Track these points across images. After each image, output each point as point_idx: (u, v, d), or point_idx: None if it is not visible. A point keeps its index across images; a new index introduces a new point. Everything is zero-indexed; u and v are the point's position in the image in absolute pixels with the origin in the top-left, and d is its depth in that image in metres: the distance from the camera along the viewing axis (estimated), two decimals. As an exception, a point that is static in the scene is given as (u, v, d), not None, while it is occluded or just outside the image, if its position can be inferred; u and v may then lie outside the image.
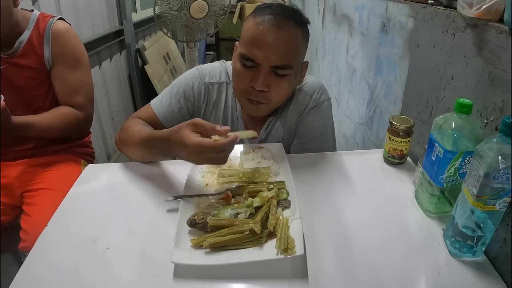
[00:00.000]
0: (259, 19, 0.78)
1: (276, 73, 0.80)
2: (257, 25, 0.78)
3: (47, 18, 1.10)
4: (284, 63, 0.79)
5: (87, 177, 0.86)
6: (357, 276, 0.57)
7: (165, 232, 0.65)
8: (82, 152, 1.27)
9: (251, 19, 0.81)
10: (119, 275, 0.58)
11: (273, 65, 0.78)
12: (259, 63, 0.79)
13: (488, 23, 0.62)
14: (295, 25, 0.79)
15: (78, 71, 1.14)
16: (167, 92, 0.94)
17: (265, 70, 0.79)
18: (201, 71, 0.95)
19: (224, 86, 0.95)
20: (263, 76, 0.79)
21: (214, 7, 2.22)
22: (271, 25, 0.77)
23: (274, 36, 0.76)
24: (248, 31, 0.80)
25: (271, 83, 0.80)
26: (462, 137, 0.60)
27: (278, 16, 0.77)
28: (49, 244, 0.65)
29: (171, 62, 3.47)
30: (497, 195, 0.52)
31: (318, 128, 0.94)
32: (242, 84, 0.82)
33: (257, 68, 0.80)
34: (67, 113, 1.13)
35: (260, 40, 0.77)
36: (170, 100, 0.92)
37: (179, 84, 0.94)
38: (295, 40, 0.79)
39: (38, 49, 1.08)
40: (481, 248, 0.58)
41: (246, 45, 0.79)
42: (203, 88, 0.94)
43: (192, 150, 0.65)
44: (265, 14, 0.78)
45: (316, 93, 0.93)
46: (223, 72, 0.95)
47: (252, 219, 0.63)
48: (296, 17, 0.80)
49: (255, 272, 0.57)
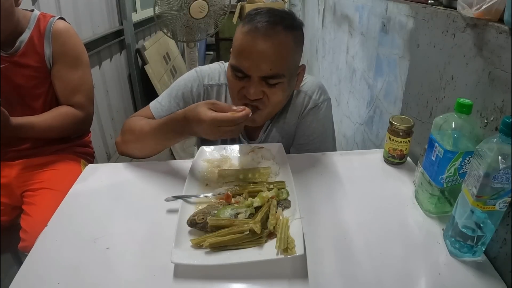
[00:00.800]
0: (246, 28, 0.76)
1: (267, 83, 0.78)
2: (245, 35, 0.76)
3: (48, 17, 1.11)
4: (274, 73, 0.76)
5: (87, 177, 0.86)
6: (357, 276, 0.57)
7: (165, 232, 0.65)
8: (82, 151, 1.27)
9: (239, 28, 0.79)
10: (119, 275, 0.58)
11: (262, 76, 0.76)
12: (249, 74, 0.77)
13: (488, 23, 0.62)
14: (285, 31, 0.76)
15: (78, 70, 1.14)
16: (166, 95, 0.94)
17: (255, 80, 0.77)
18: (200, 73, 0.94)
19: (223, 88, 0.94)
20: (254, 86, 0.77)
21: (214, 7, 2.22)
22: (258, 35, 0.74)
23: (261, 46, 0.74)
24: (236, 41, 0.79)
25: (265, 91, 0.79)
26: (462, 137, 0.60)
27: (266, 24, 0.74)
28: (49, 244, 0.65)
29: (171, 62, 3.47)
30: (497, 195, 0.52)
31: (318, 129, 0.94)
32: (236, 93, 0.82)
33: (248, 79, 0.78)
34: (67, 113, 1.13)
35: (248, 51, 0.75)
36: (169, 103, 0.92)
37: (178, 87, 0.93)
38: (284, 47, 0.77)
39: (39, 48, 1.08)
40: (481, 248, 0.58)
41: (235, 56, 0.78)
42: (202, 90, 0.93)
43: (210, 124, 0.68)
44: (252, 23, 0.76)
45: (316, 94, 0.93)
46: (222, 74, 0.95)
47: (252, 219, 0.63)
48: (286, 22, 0.77)
49: (255, 272, 0.57)
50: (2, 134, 0.95)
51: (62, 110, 1.12)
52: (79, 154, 1.25)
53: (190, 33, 2.30)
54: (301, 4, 2.97)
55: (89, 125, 1.23)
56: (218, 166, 0.83)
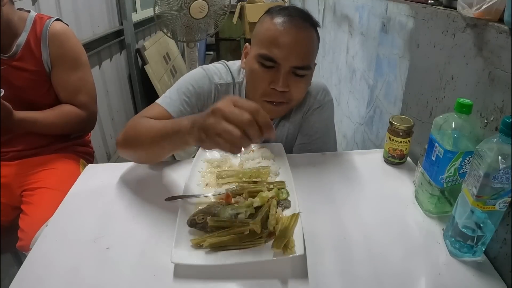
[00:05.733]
0: (278, 20, 0.79)
1: (295, 74, 0.80)
2: (277, 26, 0.79)
3: (44, 19, 1.09)
4: (304, 64, 0.80)
5: (87, 177, 0.86)
6: (357, 276, 0.57)
7: (165, 232, 0.65)
8: (82, 151, 1.27)
9: (268, 20, 0.81)
10: (119, 275, 0.58)
11: (293, 66, 0.79)
12: (280, 63, 0.79)
13: (488, 23, 0.62)
14: (311, 27, 0.82)
15: (78, 71, 1.14)
16: (174, 91, 0.89)
17: (285, 70, 0.79)
18: (208, 71, 0.92)
19: (231, 87, 0.94)
20: (284, 77, 0.79)
21: (214, 7, 2.22)
22: (292, 26, 0.78)
23: (295, 37, 0.78)
24: (267, 31, 0.80)
25: (290, 83, 0.81)
26: (462, 137, 0.60)
27: (297, 18, 0.79)
28: (49, 244, 0.65)
29: (171, 62, 3.47)
30: (497, 195, 0.52)
31: (321, 129, 0.95)
32: (262, 86, 0.81)
33: (276, 69, 0.80)
34: (70, 111, 1.13)
35: (282, 41, 0.78)
36: (179, 97, 0.87)
37: (188, 82, 0.89)
38: (312, 42, 0.82)
39: (36, 52, 1.07)
40: (481, 248, 0.58)
41: (266, 45, 0.79)
42: (213, 88, 0.91)
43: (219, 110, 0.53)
44: (283, 15, 0.79)
45: (320, 94, 0.94)
46: (229, 73, 0.94)
47: (252, 219, 0.63)
48: (311, 20, 0.83)
49: (255, 272, 0.57)
50: (4, 127, 0.94)
51: (65, 109, 1.12)
52: (79, 153, 1.25)
53: (190, 33, 2.30)
54: (301, 4, 2.97)
55: (94, 124, 1.23)
56: (218, 166, 0.82)
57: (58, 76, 1.11)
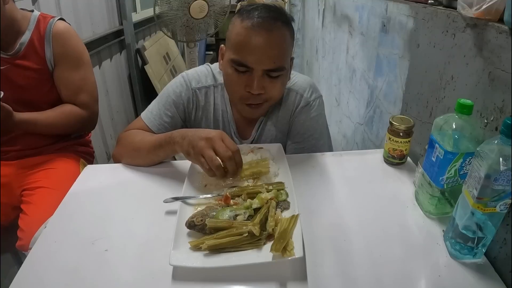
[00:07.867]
0: (247, 23, 0.78)
1: (269, 76, 0.80)
2: (247, 30, 0.77)
3: (48, 18, 1.10)
4: (277, 66, 0.79)
5: (86, 177, 0.86)
6: (356, 278, 0.57)
7: (164, 234, 0.64)
8: (82, 150, 1.27)
9: (238, 23, 0.80)
10: (118, 277, 0.58)
11: (266, 69, 0.79)
12: (252, 68, 0.79)
13: (488, 23, 0.62)
14: (283, 26, 0.79)
15: (80, 70, 1.15)
16: (155, 103, 0.94)
17: (259, 74, 0.79)
18: (186, 77, 0.94)
19: (211, 89, 0.95)
20: (258, 80, 0.79)
21: (214, 7, 2.22)
22: (261, 29, 0.77)
23: (265, 40, 0.77)
24: (238, 36, 0.79)
25: (265, 85, 0.81)
26: (463, 138, 0.60)
27: (267, 19, 0.77)
28: (49, 244, 0.65)
29: (171, 62, 3.47)
30: (498, 197, 0.51)
31: (312, 126, 0.94)
32: (237, 90, 0.83)
33: (250, 73, 0.80)
34: (71, 111, 1.13)
35: (252, 45, 0.77)
36: (159, 111, 0.92)
37: (167, 94, 0.94)
38: (285, 41, 0.80)
39: (40, 50, 1.08)
40: (481, 249, 0.58)
41: (237, 51, 0.79)
42: (190, 94, 0.93)
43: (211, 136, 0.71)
44: (252, 17, 0.78)
45: (307, 92, 0.93)
46: (209, 76, 0.95)
47: (251, 220, 0.63)
48: (283, 17, 0.80)
49: (254, 275, 0.57)
50: (5, 129, 0.95)
51: (66, 109, 1.13)
52: (79, 153, 1.25)
53: (190, 33, 2.30)
54: (301, 4, 2.96)
55: (95, 124, 1.24)
56: None
57: (60, 74, 1.12)
